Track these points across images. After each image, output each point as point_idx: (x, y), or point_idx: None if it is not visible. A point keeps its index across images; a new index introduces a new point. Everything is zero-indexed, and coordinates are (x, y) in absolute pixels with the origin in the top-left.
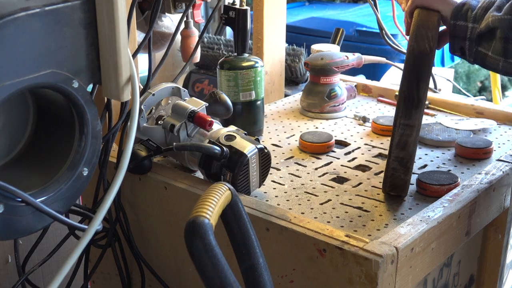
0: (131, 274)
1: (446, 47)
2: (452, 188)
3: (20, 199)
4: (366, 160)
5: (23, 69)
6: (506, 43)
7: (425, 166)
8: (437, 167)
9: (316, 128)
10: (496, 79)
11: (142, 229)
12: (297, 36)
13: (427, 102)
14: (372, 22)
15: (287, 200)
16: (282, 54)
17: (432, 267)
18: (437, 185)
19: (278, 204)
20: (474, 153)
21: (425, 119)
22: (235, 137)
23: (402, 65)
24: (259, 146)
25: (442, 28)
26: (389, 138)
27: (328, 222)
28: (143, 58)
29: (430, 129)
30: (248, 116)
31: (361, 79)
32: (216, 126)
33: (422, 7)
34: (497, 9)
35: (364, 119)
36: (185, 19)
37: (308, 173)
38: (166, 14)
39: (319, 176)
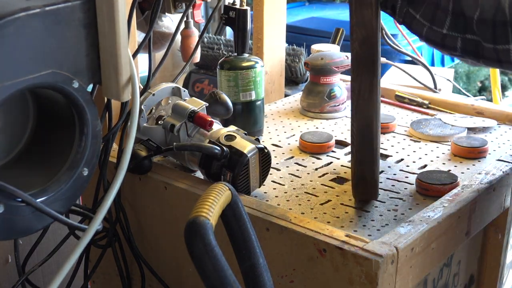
0: (131, 274)
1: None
2: (453, 187)
3: (20, 199)
4: None
5: (23, 69)
6: (435, 9)
7: (425, 166)
8: (437, 168)
9: (316, 128)
10: (496, 79)
11: (142, 229)
12: (297, 36)
13: (427, 102)
14: None
15: (287, 200)
16: (282, 54)
17: (432, 267)
18: (439, 184)
19: (278, 204)
20: (469, 152)
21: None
22: (235, 137)
23: (402, 65)
24: (259, 146)
25: None
26: (388, 138)
27: (328, 222)
28: (143, 58)
29: (426, 123)
30: (248, 116)
31: None
32: (216, 126)
33: None
34: None
35: None
36: (185, 19)
37: (308, 173)
38: (166, 14)
39: (319, 176)
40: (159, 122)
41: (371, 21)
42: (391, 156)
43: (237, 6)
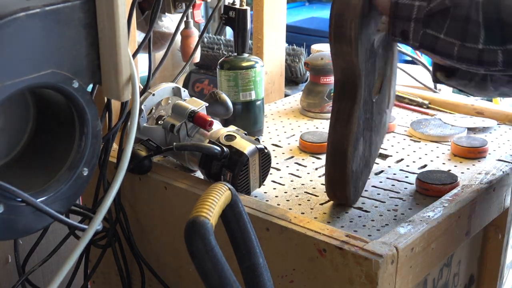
0: (131, 274)
1: None
2: (453, 187)
3: (20, 199)
4: None
5: (23, 69)
6: (465, 23)
7: (425, 166)
8: (437, 168)
9: (316, 128)
10: None
11: (142, 229)
12: (297, 36)
13: (427, 102)
14: None
15: (287, 200)
16: (282, 54)
17: (432, 267)
18: (439, 184)
19: (278, 204)
20: (469, 152)
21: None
22: (235, 137)
23: (402, 65)
24: (259, 146)
25: None
26: (388, 138)
27: (328, 222)
28: (143, 58)
29: (426, 123)
30: (248, 116)
31: None
32: (216, 126)
33: None
34: None
35: None
36: (185, 19)
37: (308, 173)
38: (166, 14)
39: (319, 176)
40: (159, 122)
41: (351, 56)
42: (391, 156)
43: (237, 6)
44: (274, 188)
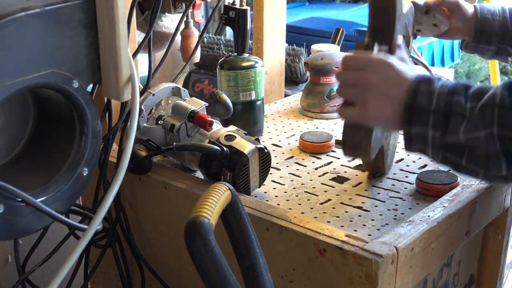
0: (131, 274)
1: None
2: (453, 187)
3: (20, 199)
4: None
5: (23, 69)
6: (487, 159)
7: (425, 166)
8: (437, 168)
9: (316, 128)
10: (496, 79)
11: (142, 229)
12: (297, 36)
13: None
14: None
15: (287, 200)
16: (282, 54)
17: (432, 267)
18: (439, 184)
19: (278, 204)
20: None
21: None
22: (235, 137)
23: None
24: (259, 146)
25: None
26: None
27: (328, 222)
28: (143, 58)
29: None
30: (248, 116)
31: None
32: (216, 126)
33: None
34: (462, 118)
35: None
36: (185, 19)
37: (308, 173)
38: (166, 14)
39: (319, 176)
40: (159, 122)
41: (362, 143)
42: None
43: (237, 6)
44: (274, 188)
